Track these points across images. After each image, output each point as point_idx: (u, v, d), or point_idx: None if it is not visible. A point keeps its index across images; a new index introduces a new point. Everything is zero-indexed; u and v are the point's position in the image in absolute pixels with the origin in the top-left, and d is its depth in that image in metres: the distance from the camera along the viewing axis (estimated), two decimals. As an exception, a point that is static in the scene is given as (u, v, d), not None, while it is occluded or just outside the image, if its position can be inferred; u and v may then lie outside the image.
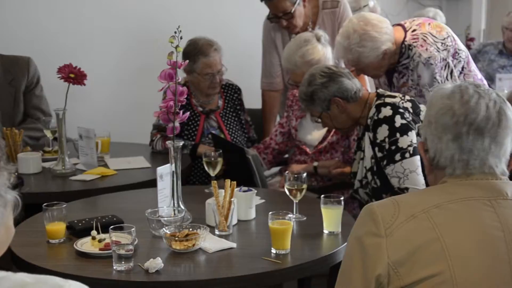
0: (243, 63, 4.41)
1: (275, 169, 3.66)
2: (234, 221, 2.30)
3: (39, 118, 3.61)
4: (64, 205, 2.23)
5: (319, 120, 2.84)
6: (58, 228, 2.17)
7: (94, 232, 2.15)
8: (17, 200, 1.16)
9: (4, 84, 3.61)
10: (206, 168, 2.78)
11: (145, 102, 4.29)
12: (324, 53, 3.21)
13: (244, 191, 2.41)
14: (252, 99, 3.94)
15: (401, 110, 2.62)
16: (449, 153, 1.46)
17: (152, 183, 2.93)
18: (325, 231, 2.24)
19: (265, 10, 3.70)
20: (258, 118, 3.92)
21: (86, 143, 3.12)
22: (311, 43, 3.21)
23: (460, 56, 3.02)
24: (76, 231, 2.21)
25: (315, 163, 3.17)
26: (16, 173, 1.16)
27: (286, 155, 3.58)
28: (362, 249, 1.39)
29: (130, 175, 3.08)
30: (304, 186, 2.39)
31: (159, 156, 3.41)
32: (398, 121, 2.59)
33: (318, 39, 3.24)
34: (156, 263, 1.92)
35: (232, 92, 3.63)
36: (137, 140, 3.73)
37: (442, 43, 2.96)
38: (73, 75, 2.93)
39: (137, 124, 4.18)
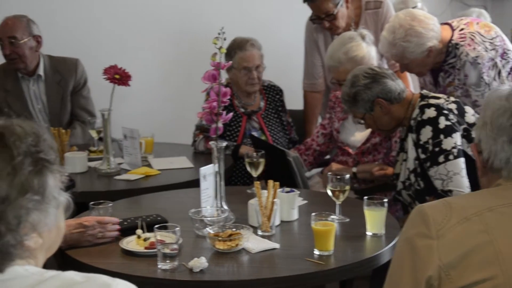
0: (284, 64, 4.41)
1: (316, 170, 3.65)
2: (277, 222, 2.31)
3: (85, 119, 3.69)
4: (110, 204, 2.27)
5: (362, 121, 2.82)
6: (104, 226, 2.21)
7: (139, 231, 2.18)
8: (69, 202, 1.19)
9: (52, 85, 3.71)
10: (248, 168, 2.79)
11: (188, 103, 4.34)
12: (368, 51, 3.20)
13: (286, 192, 2.42)
14: (293, 100, 3.94)
15: (445, 112, 2.59)
16: (505, 155, 1.43)
17: (194, 183, 2.95)
18: (368, 233, 2.23)
19: (307, 11, 3.70)
20: (299, 119, 3.92)
21: (131, 143, 3.17)
22: (356, 40, 3.19)
23: (508, 57, 2.97)
24: (122, 229, 2.25)
25: (354, 169, 3.15)
26: (67, 175, 1.19)
27: (327, 156, 3.57)
28: (412, 250, 1.39)
29: (173, 175, 3.12)
30: (347, 187, 2.38)
31: (201, 157, 3.45)
32: (442, 122, 2.57)
33: (363, 38, 3.22)
34: (200, 263, 1.94)
35: (273, 93, 3.64)
36: (180, 140, 3.77)
37: (490, 42, 2.92)
38: (118, 76, 2.98)
39: (180, 125, 4.22)
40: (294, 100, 3.94)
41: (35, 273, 1.12)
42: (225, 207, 2.37)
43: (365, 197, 2.25)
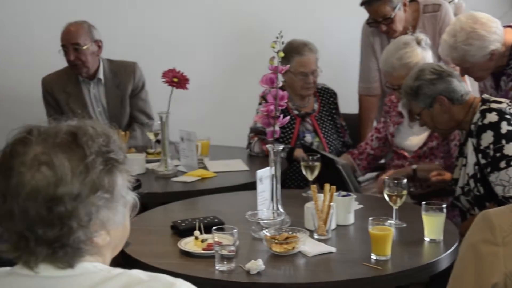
0: (340, 68, 4.39)
1: (371, 175, 3.62)
2: (333, 226, 2.31)
3: (143, 121, 3.75)
4: None
5: (417, 117, 2.78)
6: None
7: (197, 232, 2.21)
8: (136, 202, 1.23)
9: (112, 88, 3.78)
10: (304, 172, 2.80)
11: (243, 106, 4.37)
12: (423, 56, 3.15)
13: (343, 196, 2.41)
14: (348, 104, 3.93)
15: (507, 116, 2.54)
16: None
17: (250, 186, 2.98)
18: (426, 239, 2.20)
19: (363, 14, 3.68)
20: (353, 122, 3.90)
21: (187, 146, 3.21)
22: (410, 46, 3.15)
23: None
24: (180, 230, 2.29)
25: (414, 166, 3.11)
26: (134, 176, 1.23)
27: (382, 161, 3.54)
28: (477, 256, 1.37)
29: (228, 177, 3.15)
30: (404, 192, 2.36)
31: (256, 159, 3.46)
32: (504, 127, 2.51)
33: (418, 42, 3.18)
34: (257, 265, 1.96)
35: (327, 96, 3.64)
36: (235, 143, 3.80)
37: None
38: (176, 80, 3.04)
39: (235, 128, 4.25)
40: (349, 104, 3.92)
41: (103, 270, 1.15)
42: (281, 210, 2.38)
43: (423, 202, 2.22)
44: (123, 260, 2.12)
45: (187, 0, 4.43)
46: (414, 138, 3.24)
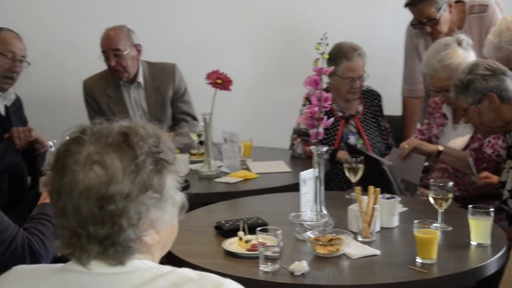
0: (383, 69, 4.35)
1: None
2: (377, 228, 2.29)
3: (188, 123, 3.78)
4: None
5: (463, 112, 2.73)
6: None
7: (241, 233, 2.22)
8: (184, 202, 1.24)
9: (152, 91, 3.81)
10: (347, 174, 2.78)
11: (285, 107, 4.37)
12: (465, 57, 3.10)
13: (387, 198, 2.40)
14: (391, 106, 3.89)
15: (557, 119, 2.48)
16: None
17: (292, 187, 2.98)
18: (473, 243, 2.17)
19: (406, 15, 3.65)
20: (397, 124, 3.87)
21: (230, 147, 3.23)
22: (451, 47, 3.11)
23: None
24: (224, 231, 2.30)
25: (441, 147, 3.06)
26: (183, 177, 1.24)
27: (426, 163, 3.49)
28: None
29: (271, 178, 3.15)
30: (450, 195, 2.33)
31: (298, 161, 3.46)
32: None
33: (459, 43, 3.14)
34: (301, 266, 1.96)
35: (372, 98, 3.61)
36: (277, 144, 3.80)
37: None
38: (220, 81, 3.06)
39: (277, 129, 4.25)
40: (392, 106, 3.89)
41: (153, 267, 1.17)
42: (325, 211, 2.38)
43: (470, 206, 2.19)
44: (168, 260, 2.14)
45: (229, 1, 4.45)
46: (458, 140, 3.20)
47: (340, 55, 3.41)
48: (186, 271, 1.18)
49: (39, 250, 1.71)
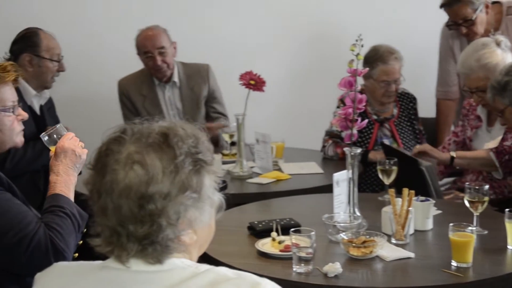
0: (416, 71, 4.32)
1: (448, 180, 3.55)
2: (411, 231, 2.28)
3: (223, 123, 3.79)
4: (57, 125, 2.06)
5: (499, 114, 2.70)
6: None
7: (274, 234, 2.23)
8: (221, 202, 1.25)
9: (186, 91, 3.85)
10: (380, 176, 2.77)
11: (317, 109, 4.36)
12: (503, 58, 3.06)
13: (421, 201, 2.38)
14: (425, 108, 3.86)
15: None
16: None
17: (324, 189, 2.98)
18: (510, 247, 2.14)
19: (441, 16, 3.61)
20: (431, 126, 3.83)
21: (263, 148, 3.23)
22: (489, 47, 3.07)
23: None
24: (257, 231, 2.31)
25: (453, 153, 3.03)
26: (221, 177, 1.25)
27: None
28: None
29: (303, 180, 3.15)
30: (486, 198, 2.30)
31: (330, 162, 3.46)
32: None
33: (498, 44, 3.09)
34: (335, 268, 1.95)
35: (407, 101, 3.58)
36: (309, 146, 3.80)
37: None
38: (253, 82, 3.07)
39: (309, 130, 4.24)
40: (425, 108, 3.85)
41: (191, 266, 1.19)
42: (358, 213, 2.37)
43: (507, 210, 2.16)
44: (201, 259, 2.15)
45: (261, 2, 4.46)
46: (491, 143, 3.16)
47: (377, 58, 3.39)
48: (223, 270, 1.19)
49: (60, 244, 1.70)
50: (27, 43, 3.24)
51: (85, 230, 1.86)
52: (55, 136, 2.01)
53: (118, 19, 4.31)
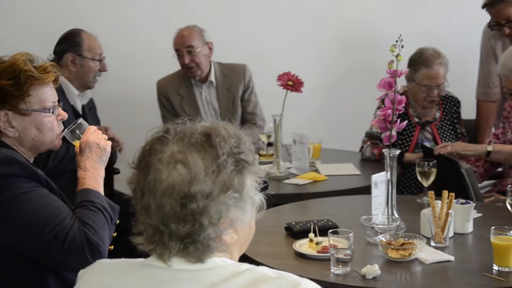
0: (455, 72, 4.26)
1: (488, 182, 3.49)
2: (451, 234, 2.25)
3: (255, 123, 3.81)
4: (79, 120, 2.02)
5: None
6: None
7: (311, 235, 2.23)
8: (262, 203, 1.25)
9: (223, 90, 3.87)
10: (419, 177, 2.74)
11: (354, 110, 4.34)
12: None
13: (461, 204, 2.35)
14: (464, 109, 3.80)
15: None
16: None
17: (361, 190, 2.96)
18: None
19: (481, 17, 3.56)
20: (471, 128, 3.78)
21: (300, 148, 3.23)
22: None
23: None
24: (294, 232, 2.31)
25: (489, 147, 2.98)
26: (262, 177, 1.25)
27: (500, 169, 3.40)
28: None
29: (340, 181, 3.14)
30: (529, 202, 2.26)
31: (367, 164, 3.43)
32: None
33: None
34: (373, 270, 1.94)
35: (451, 104, 3.51)
36: (346, 147, 3.78)
37: None
38: (291, 83, 3.07)
39: (347, 131, 4.23)
40: (465, 109, 3.80)
41: (232, 265, 1.19)
42: (396, 215, 2.35)
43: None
44: (239, 259, 2.16)
45: (298, 3, 4.45)
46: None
47: (421, 61, 3.33)
48: (264, 270, 1.19)
49: (94, 238, 1.71)
50: (70, 43, 3.31)
51: (117, 221, 1.88)
52: (77, 131, 2.01)
53: (157, 20, 4.35)
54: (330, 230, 2.07)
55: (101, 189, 1.88)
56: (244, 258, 2.10)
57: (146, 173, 1.17)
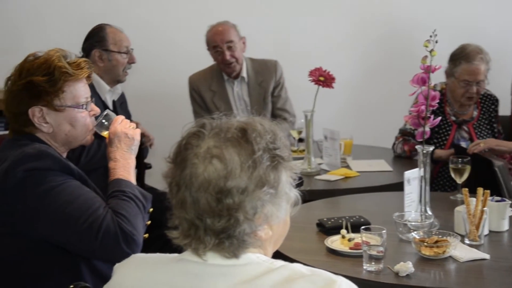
0: (492, 67, 4.21)
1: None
2: (486, 232, 2.22)
3: (286, 119, 3.80)
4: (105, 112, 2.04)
5: None
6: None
7: (343, 231, 2.21)
8: (297, 199, 1.25)
9: (255, 86, 3.87)
10: (452, 174, 2.71)
11: (386, 106, 4.30)
12: None
13: (496, 201, 2.31)
14: (501, 105, 3.74)
15: None
16: None
17: (393, 187, 2.94)
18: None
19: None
20: (505, 124, 3.71)
21: (331, 144, 3.22)
22: None
23: None
24: (326, 228, 2.30)
25: None
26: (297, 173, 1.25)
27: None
28: None
29: (371, 177, 3.12)
30: None
31: (399, 160, 3.40)
32: None
33: None
34: (407, 267, 1.92)
35: (489, 103, 3.44)
36: (378, 143, 3.75)
37: None
38: (322, 78, 3.05)
39: (378, 127, 4.19)
40: (501, 106, 3.74)
41: (266, 261, 1.19)
42: (430, 212, 2.33)
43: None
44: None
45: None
46: None
47: (462, 55, 3.27)
48: (298, 267, 1.19)
49: (127, 227, 1.72)
50: (95, 39, 3.30)
51: (151, 209, 1.89)
52: (106, 123, 2.01)
53: (188, 16, 4.37)
54: (363, 227, 2.06)
55: (132, 178, 1.89)
56: (275, 254, 2.11)
57: (182, 167, 1.17)
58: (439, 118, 2.38)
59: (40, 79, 1.81)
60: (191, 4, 4.40)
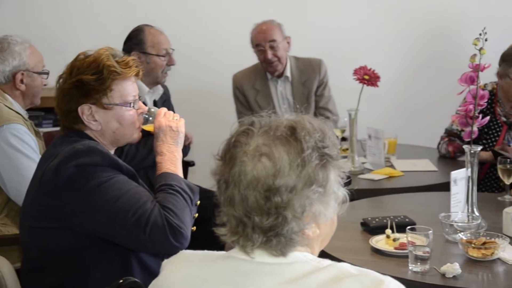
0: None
1: None
2: (536, 234, 2.17)
3: (328, 118, 3.79)
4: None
5: None
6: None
7: (388, 231, 2.19)
8: (345, 198, 1.24)
9: (298, 85, 3.86)
10: (500, 175, 2.65)
11: (431, 105, 4.25)
12: None
13: (547, 203, 2.26)
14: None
15: None
16: None
17: (438, 187, 2.90)
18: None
19: None
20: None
21: (375, 143, 3.19)
22: None
23: None
24: (370, 228, 2.28)
25: None
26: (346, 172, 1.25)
27: None
28: None
29: (416, 177, 3.09)
30: None
31: (443, 160, 3.36)
32: None
33: None
34: (454, 269, 1.90)
35: None
36: (423, 143, 3.71)
37: None
38: (367, 77, 3.03)
39: (423, 127, 4.14)
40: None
41: (313, 260, 1.19)
42: (477, 213, 2.29)
43: None
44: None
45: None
46: None
47: None
48: (346, 266, 1.18)
49: (174, 221, 1.72)
50: (134, 41, 3.30)
51: (198, 202, 1.90)
52: (150, 118, 2.02)
53: (233, 14, 4.39)
54: (408, 227, 2.04)
55: (179, 171, 1.90)
56: (320, 254, 2.10)
57: (231, 165, 1.18)
58: (488, 117, 2.33)
59: (89, 78, 1.84)
60: (237, 3, 4.41)
